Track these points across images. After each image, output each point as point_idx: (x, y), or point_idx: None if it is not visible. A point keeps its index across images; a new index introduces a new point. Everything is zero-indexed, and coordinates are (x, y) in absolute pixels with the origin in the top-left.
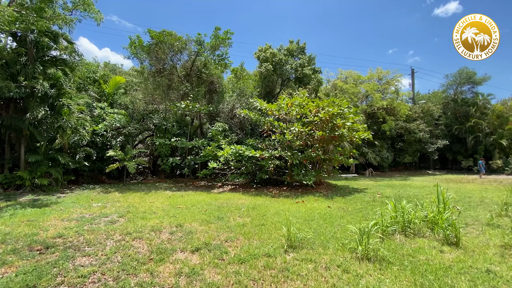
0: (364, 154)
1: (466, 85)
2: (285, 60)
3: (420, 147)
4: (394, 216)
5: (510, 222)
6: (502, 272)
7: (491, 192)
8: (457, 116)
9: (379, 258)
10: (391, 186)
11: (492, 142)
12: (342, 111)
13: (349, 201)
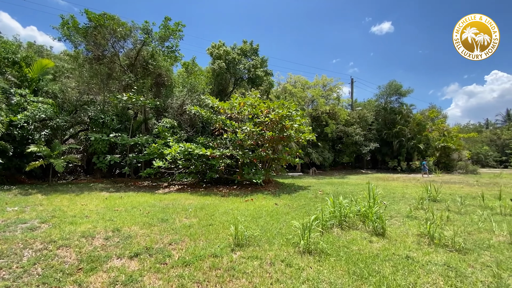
0: (309, 154)
1: (394, 96)
2: (239, 59)
3: (356, 149)
4: (333, 211)
5: (425, 214)
6: (418, 257)
7: (410, 189)
8: (386, 123)
9: (319, 251)
10: (331, 183)
11: (412, 145)
12: (291, 113)
13: (294, 198)
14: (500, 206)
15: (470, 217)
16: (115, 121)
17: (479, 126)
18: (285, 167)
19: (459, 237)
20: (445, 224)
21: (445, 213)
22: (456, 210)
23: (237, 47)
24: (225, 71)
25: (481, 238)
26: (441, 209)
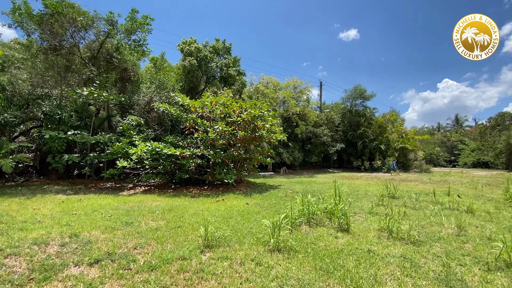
0: (280, 154)
1: (358, 99)
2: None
3: (324, 149)
4: (302, 209)
5: (385, 210)
6: (378, 251)
7: (372, 187)
8: (352, 125)
9: (288, 248)
10: (301, 182)
11: (374, 146)
12: (263, 113)
13: (265, 197)
14: (449, 201)
15: (424, 212)
16: (74, 118)
17: (432, 129)
18: (257, 166)
19: (414, 231)
20: (402, 219)
21: (402, 208)
22: (412, 206)
23: (209, 45)
24: (196, 69)
25: (432, 231)
26: (399, 205)
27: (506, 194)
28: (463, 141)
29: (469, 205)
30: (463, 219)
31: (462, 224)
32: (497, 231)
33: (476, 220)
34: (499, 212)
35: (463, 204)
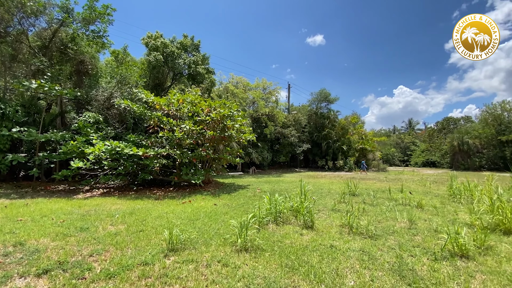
0: (249, 154)
1: (323, 102)
2: (178, 53)
3: (291, 149)
4: (269, 208)
5: (346, 207)
6: (340, 245)
7: (335, 185)
8: (317, 126)
9: (255, 248)
10: (269, 182)
11: (337, 147)
12: (232, 113)
13: (234, 198)
14: (402, 198)
15: (380, 208)
16: (20, 113)
17: (388, 131)
18: (225, 166)
19: (371, 226)
20: (361, 214)
21: (362, 205)
22: (370, 203)
23: (176, 41)
24: (162, 64)
25: (388, 225)
26: (359, 202)
27: (450, 191)
28: (414, 143)
29: (419, 200)
30: (414, 214)
31: (413, 218)
32: (442, 224)
33: (425, 214)
34: (444, 206)
35: (414, 200)
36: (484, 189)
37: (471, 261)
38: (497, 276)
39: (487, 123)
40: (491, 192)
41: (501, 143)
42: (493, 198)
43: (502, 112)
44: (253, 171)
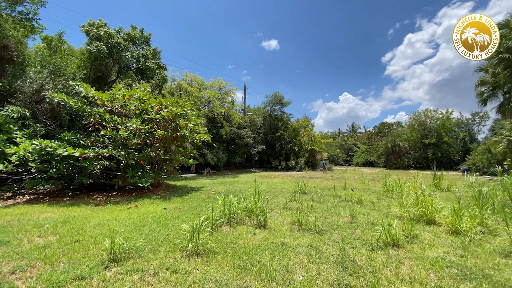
0: (204, 154)
1: (277, 105)
2: (125, 45)
3: (247, 150)
4: (223, 209)
5: (296, 205)
6: (290, 242)
7: (287, 184)
8: (271, 128)
9: (207, 251)
10: (224, 183)
11: (290, 148)
12: (186, 112)
13: (186, 200)
14: (345, 194)
15: (326, 204)
16: None
17: (334, 134)
18: (178, 168)
19: (319, 222)
20: (310, 211)
21: (310, 202)
22: (318, 200)
23: (123, 32)
24: (106, 56)
25: (333, 221)
26: (308, 200)
27: (384, 187)
28: (356, 145)
29: (359, 197)
30: (355, 209)
31: (354, 213)
32: (378, 217)
33: (364, 209)
34: (379, 201)
35: (355, 196)
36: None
37: (401, 249)
38: (421, 261)
39: (414, 128)
40: (416, 188)
41: (425, 145)
42: (417, 193)
43: (425, 119)
44: (208, 172)
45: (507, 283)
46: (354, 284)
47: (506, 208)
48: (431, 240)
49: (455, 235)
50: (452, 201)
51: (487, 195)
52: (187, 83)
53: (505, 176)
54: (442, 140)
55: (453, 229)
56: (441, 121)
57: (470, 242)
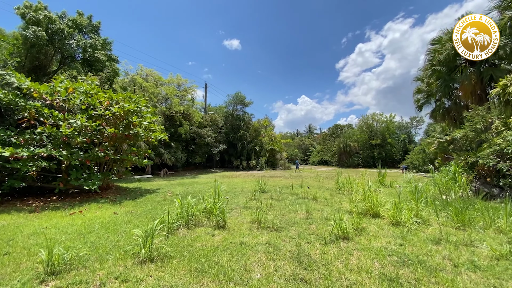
0: (161, 154)
1: (239, 105)
2: (69, 33)
3: (208, 150)
4: (180, 212)
5: (256, 203)
6: (249, 241)
7: (248, 183)
8: (233, 127)
9: (162, 256)
10: (182, 184)
11: (251, 148)
12: (140, 109)
13: (139, 204)
14: (302, 192)
15: (285, 202)
16: None
17: (293, 135)
18: (130, 169)
19: (277, 219)
20: (269, 210)
21: (270, 201)
22: (277, 198)
23: (68, 17)
24: (45, 43)
25: (290, 218)
26: (267, 198)
27: (337, 184)
28: (312, 145)
29: (314, 194)
30: (310, 205)
31: (310, 209)
32: (331, 212)
33: (319, 205)
34: (332, 198)
35: (311, 193)
36: (360, 182)
37: (351, 241)
38: (368, 251)
39: (362, 130)
40: (364, 184)
41: (372, 145)
42: (365, 189)
43: (372, 122)
44: (165, 173)
45: (438, 266)
46: (308, 278)
47: (437, 201)
48: (376, 232)
49: (396, 226)
50: (394, 196)
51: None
52: (142, 77)
53: (435, 173)
54: (386, 141)
55: (394, 221)
56: (386, 124)
57: (408, 232)
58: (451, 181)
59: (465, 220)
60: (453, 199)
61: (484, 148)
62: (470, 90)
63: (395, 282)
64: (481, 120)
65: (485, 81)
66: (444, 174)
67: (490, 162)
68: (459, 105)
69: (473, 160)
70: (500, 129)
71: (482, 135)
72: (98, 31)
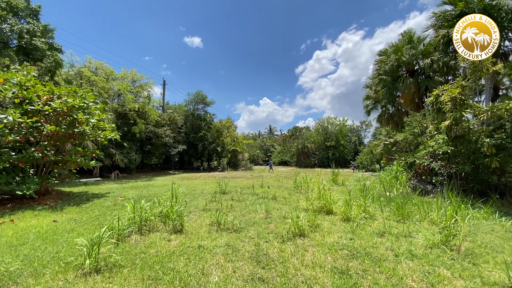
0: (112, 155)
1: (200, 104)
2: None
3: (165, 150)
4: (132, 217)
5: (216, 205)
6: (208, 244)
7: (208, 185)
8: (193, 127)
9: (110, 266)
10: (136, 187)
11: (212, 148)
12: (87, 105)
13: (85, 210)
14: (262, 192)
15: (245, 202)
16: None
17: (255, 136)
18: (75, 171)
19: (237, 220)
20: (229, 211)
21: (230, 202)
22: (237, 199)
23: None
24: None
25: (250, 218)
26: (228, 199)
27: (295, 184)
28: (273, 146)
29: (274, 193)
30: (270, 205)
31: (269, 209)
32: (289, 211)
33: (278, 204)
34: (290, 196)
35: (271, 193)
36: (315, 181)
37: (306, 238)
38: (322, 247)
39: (319, 132)
40: (319, 183)
41: (327, 147)
42: (320, 187)
43: (327, 125)
44: (116, 175)
45: (382, 257)
46: (266, 276)
47: (381, 198)
48: (329, 228)
49: (347, 221)
50: (345, 194)
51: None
52: (91, 70)
53: (381, 172)
54: (339, 143)
55: (345, 217)
56: (339, 127)
57: (357, 226)
58: (394, 179)
59: (405, 214)
60: (395, 195)
61: (420, 149)
62: (409, 98)
63: (345, 274)
64: (418, 125)
65: (422, 90)
66: (388, 173)
67: (425, 162)
68: (400, 111)
69: (411, 160)
70: (433, 133)
71: (419, 138)
72: (37, 15)
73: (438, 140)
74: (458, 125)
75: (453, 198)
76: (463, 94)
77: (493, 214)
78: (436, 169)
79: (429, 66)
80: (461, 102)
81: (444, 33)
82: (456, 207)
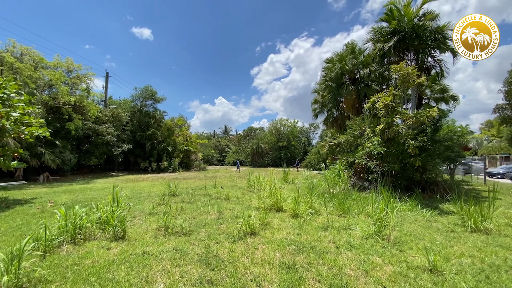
0: (40, 155)
1: (149, 100)
2: None
3: (107, 150)
4: (64, 224)
5: (164, 208)
6: (153, 250)
7: (157, 187)
8: (141, 125)
9: (34, 282)
10: (70, 191)
11: (162, 148)
12: (7, 96)
13: (4, 219)
14: (215, 192)
15: (197, 204)
16: None
17: (210, 135)
18: None
19: (186, 223)
20: (179, 214)
21: (180, 204)
22: (188, 201)
23: None
24: None
25: (201, 220)
26: (178, 202)
27: (248, 183)
28: (228, 146)
29: (227, 193)
30: (222, 205)
31: (221, 209)
32: (241, 210)
33: (230, 204)
34: (243, 196)
35: (224, 193)
36: (268, 180)
37: (257, 236)
38: (271, 244)
39: (272, 133)
40: (271, 182)
41: (280, 147)
42: (271, 186)
43: (280, 126)
44: (46, 178)
45: (325, 249)
46: (215, 278)
47: (326, 194)
48: (279, 225)
49: (295, 218)
50: (294, 191)
51: (315, 185)
52: (14, 56)
53: (326, 171)
54: (291, 144)
55: (294, 213)
56: (290, 129)
57: (304, 222)
58: (337, 177)
59: (345, 208)
60: (337, 192)
61: (359, 150)
62: (351, 103)
63: (292, 269)
64: (357, 128)
65: (361, 97)
66: (332, 171)
67: (363, 161)
68: (344, 115)
69: (351, 159)
70: (369, 135)
71: (358, 140)
72: None
73: (374, 141)
74: (390, 129)
75: (385, 193)
76: (394, 102)
77: (416, 206)
78: (372, 168)
79: (368, 75)
80: (392, 109)
81: (380, 47)
82: (387, 201)
